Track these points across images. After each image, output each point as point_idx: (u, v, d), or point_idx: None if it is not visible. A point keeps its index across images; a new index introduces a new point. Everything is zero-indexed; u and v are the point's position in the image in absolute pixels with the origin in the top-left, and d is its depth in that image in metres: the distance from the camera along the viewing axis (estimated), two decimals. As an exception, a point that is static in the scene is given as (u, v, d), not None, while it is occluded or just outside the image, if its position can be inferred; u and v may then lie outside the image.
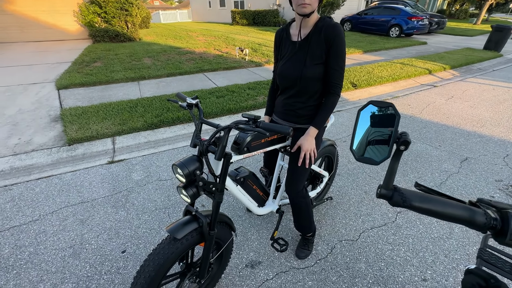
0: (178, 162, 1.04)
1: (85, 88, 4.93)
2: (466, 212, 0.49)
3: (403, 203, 0.53)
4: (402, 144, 0.53)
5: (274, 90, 1.56)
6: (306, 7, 1.15)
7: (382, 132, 0.59)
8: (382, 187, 0.55)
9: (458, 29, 16.45)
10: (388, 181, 0.55)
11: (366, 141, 0.61)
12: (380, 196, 0.55)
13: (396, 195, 0.54)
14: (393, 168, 0.55)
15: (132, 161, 2.82)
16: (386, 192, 0.55)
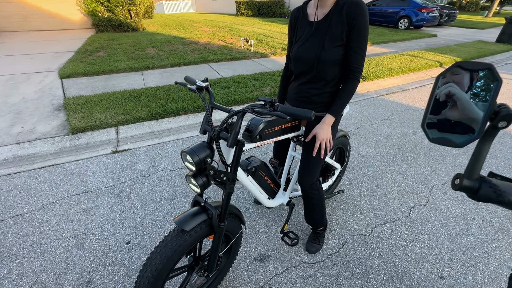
0: (187, 149, 0.96)
1: (88, 78, 4.85)
2: None
3: (496, 197, 0.43)
4: (502, 119, 0.40)
5: (287, 76, 1.47)
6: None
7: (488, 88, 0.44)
8: (465, 177, 0.44)
9: (469, 21, 15.98)
10: (472, 169, 0.44)
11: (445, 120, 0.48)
12: (461, 188, 0.44)
13: (486, 187, 0.43)
14: (482, 152, 0.43)
15: (136, 151, 2.76)
16: (470, 183, 0.44)
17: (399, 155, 2.68)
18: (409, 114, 3.67)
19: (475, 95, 0.44)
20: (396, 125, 3.33)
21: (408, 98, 4.28)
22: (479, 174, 0.44)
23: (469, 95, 0.45)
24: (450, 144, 0.46)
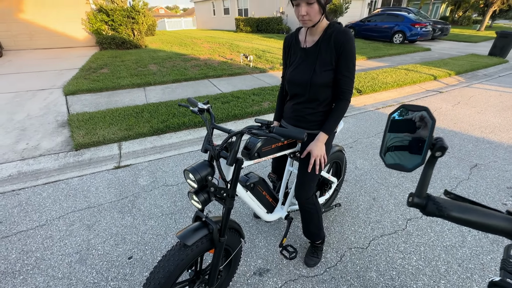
0: (190, 168, 1.03)
1: (92, 94, 4.99)
2: (507, 223, 0.47)
3: (439, 213, 0.50)
4: (438, 150, 0.50)
5: (283, 96, 1.56)
6: (306, 22, 1.16)
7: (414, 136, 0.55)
8: (415, 195, 0.53)
9: (461, 35, 16.46)
10: (421, 189, 0.52)
11: (396, 146, 0.58)
12: (413, 205, 0.53)
13: (431, 204, 0.51)
14: (427, 175, 0.52)
15: (138, 166, 2.82)
16: (419, 200, 0.52)
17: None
18: (405, 127, 3.76)
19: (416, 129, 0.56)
20: (392, 138, 3.41)
21: (404, 111, 4.39)
22: (426, 193, 0.52)
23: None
24: (402, 169, 0.55)
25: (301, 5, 1.12)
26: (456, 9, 27.07)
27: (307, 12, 1.12)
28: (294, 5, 1.17)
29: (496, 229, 0.48)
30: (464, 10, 26.74)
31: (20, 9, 9.62)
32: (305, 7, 1.11)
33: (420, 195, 0.52)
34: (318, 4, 1.11)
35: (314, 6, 1.11)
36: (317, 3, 1.11)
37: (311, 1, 1.10)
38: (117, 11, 9.57)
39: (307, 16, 1.13)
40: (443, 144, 0.50)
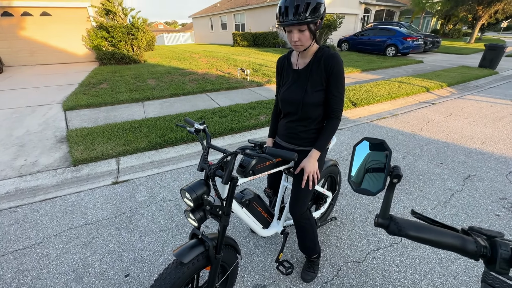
0: (186, 187, 1.07)
1: (91, 109, 5.05)
2: (458, 241, 0.52)
3: (399, 232, 0.56)
4: (394, 177, 0.57)
5: (277, 114, 1.62)
6: (298, 47, 1.24)
7: (379, 161, 0.63)
8: (379, 217, 0.58)
9: (452, 48, 16.95)
10: (384, 211, 0.58)
11: (364, 170, 0.65)
12: (378, 225, 0.58)
13: (392, 224, 0.57)
14: (388, 198, 0.58)
15: (136, 182, 2.84)
16: (383, 221, 0.58)
17: (390, 180, 2.78)
18: (399, 138, 3.84)
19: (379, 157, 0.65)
20: (386, 150, 3.47)
21: (398, 123, 4.48)
22: (389, 214, 0.57)
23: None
24: (368, 193, 0.63)
25: (293, 31, 1.20)
26: (446, 23, 28.01)
27: (299, 38, 1.20)
28: (286, 32, 1.25)
29: (448, 246, 0.53)
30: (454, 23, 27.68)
31: (21, 27, 9.85)
32: (297, 34, 1.19)
33: (384, 216, 0.58)
34: (309, 31, 1.20)
35: (305, 33, 1.19)
36: (308, 30, 1.19)
37: (302, 28, 1.18)
38: (117, 28, 9.82)
39: (299, 41, 1.21)
40: (399, 172, 0.58)
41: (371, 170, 0.64)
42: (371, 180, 0.63)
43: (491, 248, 0.50)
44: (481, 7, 19.67)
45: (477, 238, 0.52)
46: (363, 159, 0.66)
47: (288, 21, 1.15)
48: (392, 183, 0.58)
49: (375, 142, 0.65)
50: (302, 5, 1.11)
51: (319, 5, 1.14)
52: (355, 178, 0.66)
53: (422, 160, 3.19)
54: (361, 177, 0.66)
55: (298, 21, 1.13)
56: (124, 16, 10.52)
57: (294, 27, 1.18)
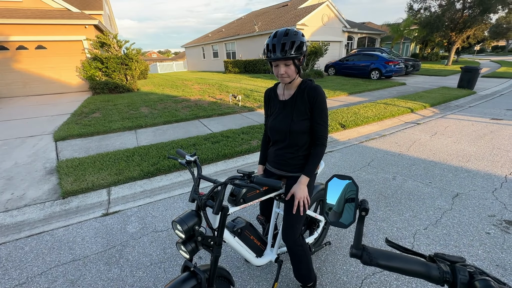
0: (177, 219, 1.08)
1: (83, 139, 5.04)
2: (423, 268, 0.56)
3: (370, 262, 0.59)
4: (362, 210, 0.63)
5: (267, 141, 1.69)
6: (285, 79, 1.35)
7: (355, 191, 0.68)
8: (353, 247, 0.62)
9: (432, 70, 17.99)
10: (357, 242, 0.62)
11: (343, 200, 0.70)
12: (352, 255, 0.62)
13: (365, 254, 0.60)
14: (360, 230, 0.62)
15: (127, 212, 2.79)
16: (356, 252, 0.61)
17: (382, 201, 2.82)
18: (388, 159, 3.94)
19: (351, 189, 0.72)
20: (377, 171, 3.55)
21: (386, 143, 4.62)
22: (361, 245, 0.61)
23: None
24: (342, 225, 0.68)
25: (280, 65, 1.31)
26: (424, 47, 29.97)
27: (286, 71, 1.32)
28: (273, 66, 1.35)
29: (414, 273, 0.56)
30: (431, 47, 29.63)
31: (16, 59, 10.04)
32: (283, 68, 1.31)
33: (357, 247, 0.62)
34: (294, 66, 1.32)
35: (291, 67, 1.31)
36: (293, 65, 1.31)
37: (288, 63, 1.30)
38: (111, 59, 10.12)
39: (286, 74, 1.32)
40: (366, 206, 0.64)
41: (350, 200, 0.69)
42: (348, 209, 0.68)
43: (452, 273, 0.53)
44: (454, 33, 21.27)
45: (440, 264, 0.55)
46: (339, 190, 0.71)
47: (276, 56, 1.26)
48: (361, 216, 0.62)
49: (344, 178, 0.72)
50: (288, 43, 1.24)
51: (302, 44, 1.28)
52: (337, 208, 0.71)
53: (411, 180, 3.26)
54: (341, 207, 0.70)
55: (284, 57, 1.25)
56: (118, 48, 10.90)
57: (280, 61, 1.29)
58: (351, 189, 0.69)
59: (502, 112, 6.48)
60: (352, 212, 0.67)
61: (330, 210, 0.72)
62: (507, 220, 2.40)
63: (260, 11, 26.02)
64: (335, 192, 0.72)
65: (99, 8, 13.65)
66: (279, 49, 1.25)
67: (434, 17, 21.02)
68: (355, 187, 0.68)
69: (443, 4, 21.09)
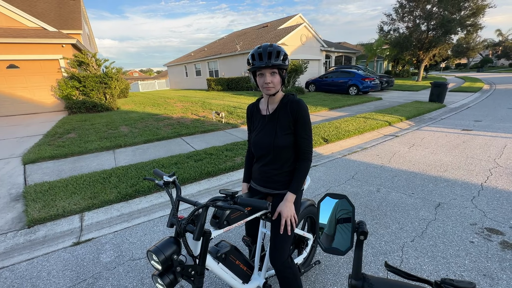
0: (153, 248, 0.97)
1: (55, 161, 4.73)
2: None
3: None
4: (360, 234, 0.57)
5: (250, 158, 1.63)
6: (270, 89, 1.32)
7: (347, 210, 0.63)
8: (352, 278, 0.56)
9: (404, 85, 19.12)
10: (356, 271, 0.56)
11: (335, 221, 0.64)
12: (351, 287, 0.55)
13: (366, 286, 0.55)
14: (359, 256, 0.57)
15: (102, 240, 2.56)
16: (356, 283, 0.56)
17: (368, 214, 2.81)
18: (371, 171, 4.00)
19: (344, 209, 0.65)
20: (361, 184, 3.57)
21: (368, 156, 4.71)
22: (361, 274, 0.56)
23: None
24: (338, 252, 0.62)
25: (265, 74, 1.30)
26: (396, 65, 32.04)
27: (271, 80, 1.30)
28: (257, 75, 1.33)
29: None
30: (402, 65, 31.73)
31: (-16, 79, 9.50)
32: (269, 77, 1.30)
33: (357, 277, 0.56)
34: (279, 76, 1.31)
35: (276, 77, 1.31)
36: (278, 75, 1.31)
37: (274, 71, 1.30)
38: (90, 78, 9.85)
39: (271, 83, 1.30)
40: (364, 229, 0.57)
41: (341, 221, 0.63)
42: (343, 232, 0.62)
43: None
44: (421, 52, 23.00)
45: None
46: (332, 210, 0.66)
47: (262, 64, 1.25)
48: (360, 241, 0.57)
49: (337, 198, 0.66)
50: (273, 52, 1.25)
51: (286, 56, 1.30)
52: (328, 230, 0.65)
53: (395, 192, 3.30)
54: (333, 228, 0.64)
55: (271, 64, 1.24)
56: (97, 67, 10.67)
57: (266, 70, 1.28)
58: (343, 208, 0.63)
59: (471, 123, 6.91)
60: (347, 235, 0.60)
61: (329, 228, 0.66)
62: (488, 228, 2.45)
63: (242, 31, 26.88)
64: (328, 213, 0.67)
65: (78, 28, 13.45)
66: (266, 56, 1.25)
67: (403, 37, 22.68)
68: (351, 207, 0.62)
69: (409, 26, 22.91)
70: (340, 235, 0.62)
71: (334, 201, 0.66)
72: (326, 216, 0.66)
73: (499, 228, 2.44)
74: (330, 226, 0.65)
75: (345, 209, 0.64)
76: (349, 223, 0.62)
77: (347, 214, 0.63)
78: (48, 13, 13.90)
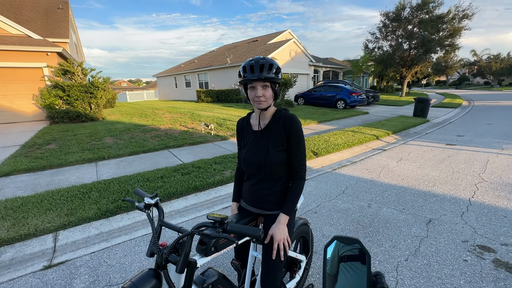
0: (128, 284, 0.85)
1: (31, 174, 4.43)
2: None
3: None
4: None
5: (240, 175, 1.54)
6: (262, 103, 1.25)
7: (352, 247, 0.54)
8: None
9: (389, 100, 19.81)
10: None
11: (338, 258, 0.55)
12: None
13: None
14: None
15: (76, 262, 2.34)
16: None
17: (361, 231, 2.74)
18: (361, 186, 3.97)
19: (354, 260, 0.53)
20: (352, 199, 3.52)
21: (357, 170, 4.71)
22: None
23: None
24: None
25: (257, 87, 1.23)
26: (380, 80, 33.33)
27: (263, 94, 1.23)
28: (249, 88, 1.26)
29: None
30: (386, 81, 33.05)
31: (-40, 86, 9.02)
32: (261, 90, 1.23)
33: None
34: (272, 89, 1.25)
35: (268, 90, 1.24)
36: (271, 88, 1.24)
37: (266, 84, 1.23)
38: (75, 87, 9.56)
39: (263, 97, 1.24)
40: (384, 284, 0.47)
41: (345, 259, 0.55)
42: (349, 274, 0.53)
43: None
44: (404, 69, 24.09)
45: None
46: (333, 247, 0.57)
47: (253, 76, 1.19)
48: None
49: (348, 242, 0.56)
50: (266, 65, 1.19)
51: (279, 70, 1.24)
52: (330, 269, 0.56)
53: (386, 207, 3.26)
54: (335, 267, 0.55)
55: (264, 77, 1.18)
56: (83, 76, 10.41)
57: (258, 83, 1.22)
58: (349, 246, 0.54)
59: (454, 138, 7.13)
60: (355, 280, 0.50)
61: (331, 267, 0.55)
62: (480, 245, 2.43)
63: (232, 45, 27.30)
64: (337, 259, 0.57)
65: (65, 36, 13.20)
66: (258, 69, 1.19)
67: (387, 55, 23.73)
68: (364, 253, 0.52)
69: (393, 44, 24.06)
70: (345, 278, 0.52)
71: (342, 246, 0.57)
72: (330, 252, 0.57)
73: (490, 245, 2.43)
74: (333, 263, 0.56)
75: (350, 248, 0.55)
76: (355, 262, 0.53)
77: (351, 251, 0.55)
78: (34, 20, 13.62)
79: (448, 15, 21.04)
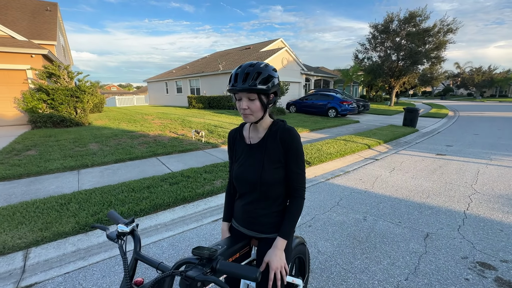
0: None
1: (6, 183, 4.12)
2: None
3: None
4: None
5: (232, 193, 1.39)
6: (248, 116, 1.13)
7: None
8: None
9: (379, 109, 20.17)
10: None
11: None
12: None
13: None
14: None
15: (47, 285, 2.11)
16: None
17: (357, 247, 2.61)
18: (355, 197, 3.87)
19: None
20: (347, 211, 3.41)
21: (351, 180, 4.63)
22: None
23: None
24: None
25: (242, 99, 1.11)
26: (370, 90, 34.06)
27: (248, 106, 1.10)
28: (236, 99, 1.13)
29: None
30: (375, 90, 33.82)
31: None
32: (246, 102, 1.10)
33: None
34: (260, 102, 1.11)
35: (255, 103, 1.11)
36: (259, 100, 1.10)
37: (252, 97, 1.10)
38: (59, 91, 9.20)
39: (248, 110, 1.11)
40: None
41: None
42: None
43: None
44: (393, 79, 24.71)
45: None
46: None
47: (238, 87, 1.06)
48: None
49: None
50: (252, 74, 1.06)
51: (271, 78, 1.10)
52: None
53: (381, 220, 3.16)
54: None
55: (248, 87, 1.05)
56: (69, 79, 10.06)
57: (243, 94, 1.09)
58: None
59: (443, 148, 7.22)
60: None
61: None
62: (480, 262, 2.35)
63: (225, 52, 27.34)
64: None
65: (52, 39, 12.81)
66: (242, 78, 1.06)
67: (376, 65, 24.31)
68: None
69: (381, 55, 24.70)
70: None
71: None
72: None
73: (490, 262, 2.35)
74: None
75: None
76: None
77: None
78: (20, 22, 13.18)
79: (433, 28, 21.84)
